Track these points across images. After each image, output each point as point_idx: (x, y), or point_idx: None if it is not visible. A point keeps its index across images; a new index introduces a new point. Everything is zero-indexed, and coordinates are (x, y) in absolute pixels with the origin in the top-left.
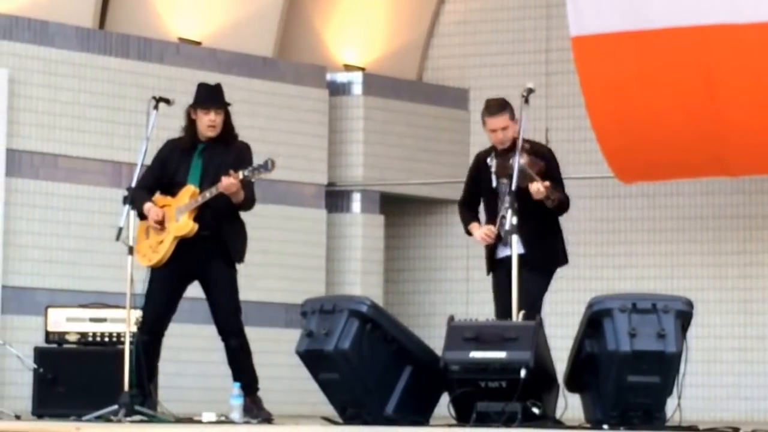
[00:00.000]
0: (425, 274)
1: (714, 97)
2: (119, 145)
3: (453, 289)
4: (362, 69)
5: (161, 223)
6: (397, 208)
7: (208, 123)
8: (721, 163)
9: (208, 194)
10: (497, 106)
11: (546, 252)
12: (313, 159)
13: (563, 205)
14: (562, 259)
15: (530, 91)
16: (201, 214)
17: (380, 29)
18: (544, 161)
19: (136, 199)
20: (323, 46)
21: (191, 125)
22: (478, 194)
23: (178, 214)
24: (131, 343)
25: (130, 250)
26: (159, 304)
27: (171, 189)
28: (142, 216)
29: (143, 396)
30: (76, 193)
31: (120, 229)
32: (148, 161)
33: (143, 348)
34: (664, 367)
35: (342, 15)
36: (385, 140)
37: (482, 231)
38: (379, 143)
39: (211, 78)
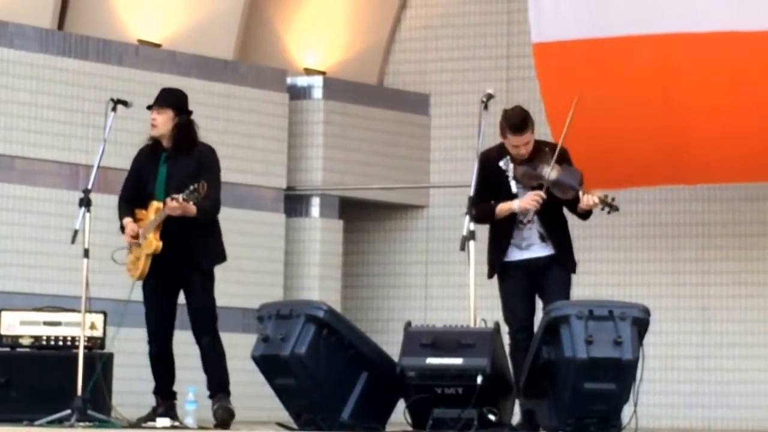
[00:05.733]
0: (384, 280)
1: (672, 105)
2: (77, 147)
3: (411, 295)
4: (323, 73)
5: (137, 238)
6: (357, 213)
7: (150, 122)
8: (680, 171)
9: (158, 218)
10: (522, 122)
11: (572, 257)
12: (272, 163)
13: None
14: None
15: (490, 96)
16: (169, 226)
17: (341, 33)
18: (568, 163)
19: (119, 212)
20: (284, 50)
21: None
22: (490, 194)
23: (146, 232)
24: (85, 347)
25: (86, 253)
26: (156, 316)
27: (144, 200)
28: (124, 230)
29: (170, 401)
30: (32, 195)
31: (75, 232)
32: (105, 163)
33: (152, 359)
34: (621, 375)
35: (303, 19)
36: (345, 145)
37: (530, 196)
38: (339, 148)
39: (170, 80)
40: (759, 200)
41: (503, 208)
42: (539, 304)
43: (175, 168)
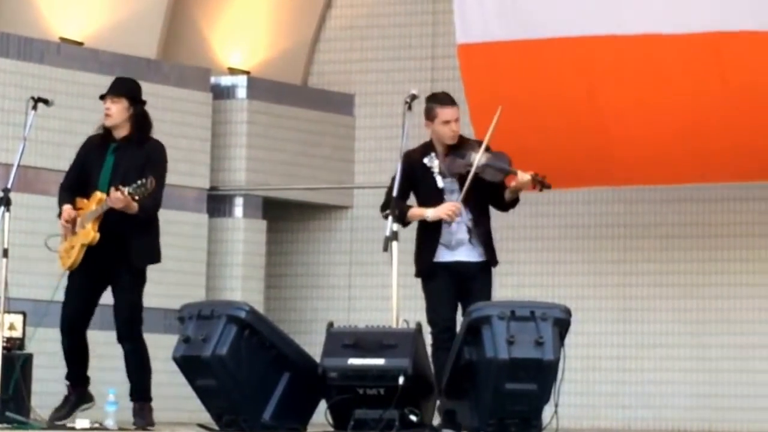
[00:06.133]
0: (307, 280)
1: (597, 108)
2: None
3: (335, 296)
4: (247, 73)
5: (71, 224)
6: (280, 213)
7: (104, 111)
8: (603, 173)
9: (100, 209)
10: (449, 97)
11: (495, 254)
12: (195, 162)
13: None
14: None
15: (414, 97)
16: (107, 219)
17: (266, 33)
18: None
19: (58, 200)
20: (208, 49)
21: None
22: (410, 193)
23: (85, 222)
24: (4, 348)
25: (5, 253)
26: (76, 309)
27: (87, 189)
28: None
29: (82, 388)
30: None
31: None
32: (25, 162)
33: (66, 349)
34: (542, 375)
35: (227, 18)
36: (268, 145)
37: (446, 207)
38: (262, 148)
39: (92, 79)
40: (680, 202)
41: (415, 213)
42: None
43: (123, 159)
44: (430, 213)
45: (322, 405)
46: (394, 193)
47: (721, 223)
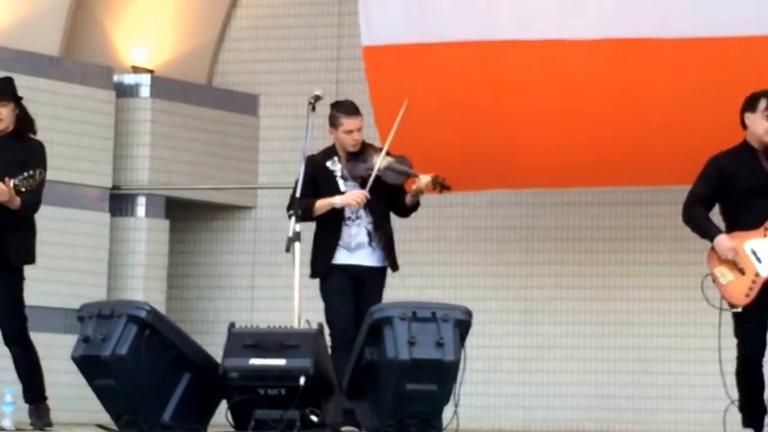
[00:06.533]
0: (210, 281)
1: (501, 112)
2: None
3: (237, 296)
4: (151, 71)
5: None
6: (183, 213)
7: None
8: (507, 176)
9: None
10: (354, 107)
11: (394, 259)
12: (97, 161)
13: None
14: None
15: (318, 98)
16: None
17: (170, 32)
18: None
19: None
20: (111, 47)
21: None
22: (314, 196)
23: None
24: None
25: None
26: None
27: None
28: None
29: None
30: None
31: None
32: None
33: None
34: (442, 376)
35: (131, 16)
36: (172, 144)
37: (354, 193)
38: (166, 147)
39: None
40: (582, 205)
41: (323, 203)
42: None
43: (4, 155)
44: (338, 200)
45: (223, 405)
46: (297, 195)
47: (621, 227)
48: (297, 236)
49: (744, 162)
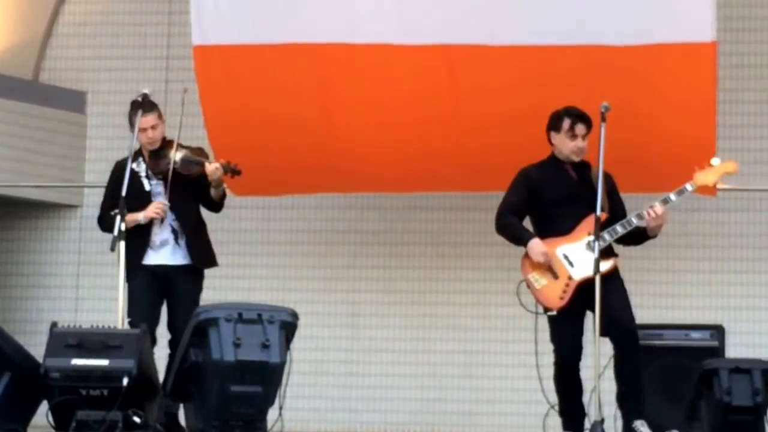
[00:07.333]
0: (34, 280)
1: (329, 114)
2: None
3: (62, 296)
4: None
5: None
6: (7, 211)
7: None
8: (336, 179)
9: None
10: (149, 104)
11: (207, 250)
12: None
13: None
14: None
15: (145, 96)
16: None
17: None
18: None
19: None
20: None
21: None
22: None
23: None
24: None
25: None
26: None
27: None
28: None
29: None
30: None
31: None
32: None
33: None
34: (267, 378)
35: None
36: None
37: (152, 206)
38: None
39: None
40: (409, 210)
41: (129, 219)
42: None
43: None
44: (140, 216)
45: (44, 406)
46: (108, 201)
47: (447, 232)
48: (121, 235)
49: (552, 173)
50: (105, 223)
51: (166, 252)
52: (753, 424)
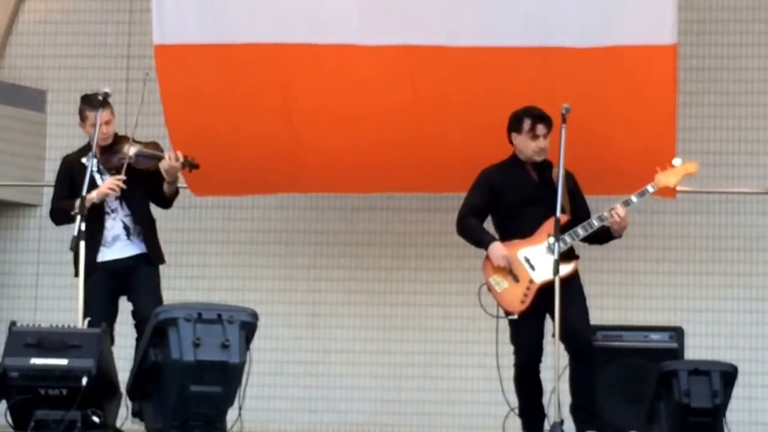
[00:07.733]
0: None
1: (290, 115)
2: None
3: (21, 295)
4: None
5: None
6: None
7: None
8: (297, 180)
9: None
10: (102, 100)
11: (157, 252)
12: None
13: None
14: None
15: (106, 95)
16: None
17: None
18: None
19: None
20: None
21: None
22: (71, 195)
23: None
24: None
25: None
26: None
27: None
28: None
29: None
30: None
31: None
32: None
33: None
34: (227, 378)
35: None
36: None
37: (107, 182)
38: None
39: None
40: (370, 210)
41: (84, 200)
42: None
43: None
44: (94, 194)
45: (2, 405)
46: (56, 197)
47: (408, 232)
48: (82, 234)
49: (513, 174)
50: (57, 215)
51: (118, 247)
52: (712, 426)
